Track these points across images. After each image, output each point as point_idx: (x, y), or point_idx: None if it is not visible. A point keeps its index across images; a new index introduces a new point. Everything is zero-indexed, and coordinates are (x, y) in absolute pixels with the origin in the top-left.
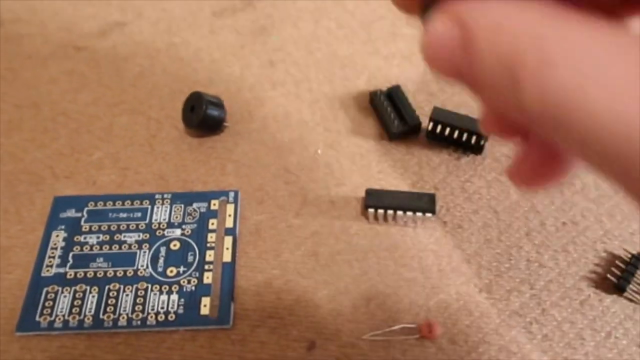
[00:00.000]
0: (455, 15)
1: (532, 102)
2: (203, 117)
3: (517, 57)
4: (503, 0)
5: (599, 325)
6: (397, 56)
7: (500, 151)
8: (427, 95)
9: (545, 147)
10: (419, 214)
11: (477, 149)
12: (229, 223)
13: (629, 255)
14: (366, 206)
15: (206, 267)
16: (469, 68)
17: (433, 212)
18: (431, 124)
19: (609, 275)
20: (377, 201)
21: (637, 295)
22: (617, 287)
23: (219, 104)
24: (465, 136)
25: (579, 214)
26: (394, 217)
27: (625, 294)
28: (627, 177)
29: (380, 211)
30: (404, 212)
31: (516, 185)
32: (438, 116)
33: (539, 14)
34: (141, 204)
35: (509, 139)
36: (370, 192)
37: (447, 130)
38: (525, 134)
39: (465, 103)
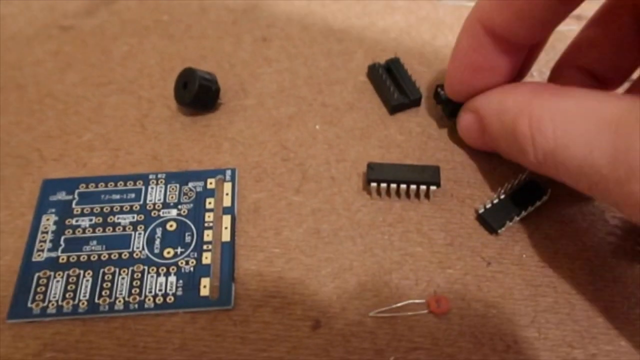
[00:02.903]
0: (471, 107)
1: (535, 158)
2: (196, 93)
3: (515, 127)
4: (501, 87)
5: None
6: (395, 29)
7: None
8: (426, 67)
9: None
10: (423, 187)
11: None
12: (227, 202)
13: None
14: (368, 180)
15: (204, 247)
16: (490, 140)
17: (438, 184)
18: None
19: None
20: (379, 175)
21: None
22: None
23: (212, 80)
24: None
25: None
26: (397, 191)
27: None
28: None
29: (383, 185)
30: (408, 185)
31: None
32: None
33: (529, 91)
34: (135, 184)
35: None
36: (372, 166)
37: None
38: None
39: None
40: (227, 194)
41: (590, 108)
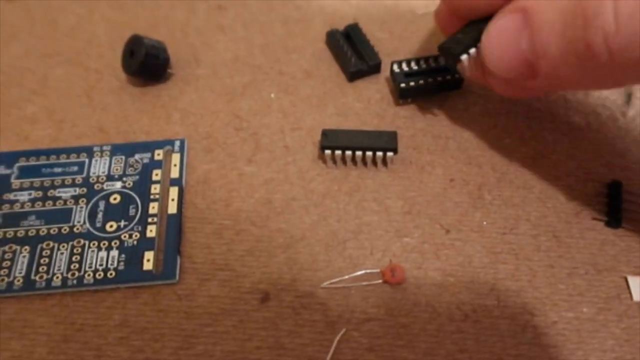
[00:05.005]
0: (517, 6)
1: (618, 22)
2: (143, 61)
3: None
4: None
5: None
6: None
7: (470, 89)
8: (388, 33)
9: None
10: (379, 153)
11: (453, 87)
12: (175, 173)
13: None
14: (322, 148)
15: (149, 220)
16: (533, 41)
17: (395, 150)
18: (402, 84)
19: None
20: (333, 142)
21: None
22: (611, 223)
23: (160, 48)
24: (440, 79)
25: (547, 147)
26: (353, 158)
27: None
28: None
29: (338, 152)
30: (364, 152)
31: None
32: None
33: None
34: (78, 157)
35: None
36: (326, 133)
37: (421, 82)
38: None
39: (426, 41)
40: (175, 165)
41: None
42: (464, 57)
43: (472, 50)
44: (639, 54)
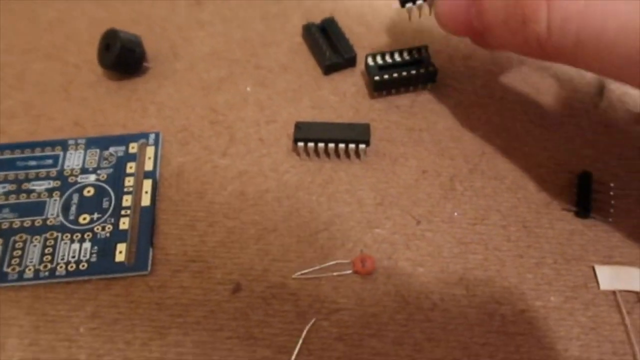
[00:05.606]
0: None
1: (547, 26)
2: (119, 54)
3: None
4: None
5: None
6: None
7: (444, 82)
8: (365, 27)
9: None
10: (352, 145)
11: (428, 80)
12: (149, 166)
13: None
14: (295, 140)
15: (123, 212)
16: (480, 17)
17: (367, 143)
18: (376, 77)
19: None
20: (307, 134)
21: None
22: (580, 213)
23: (136, 42)
24: (414, 72)
25: (519, 138)
26: (326, 150)
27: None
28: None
29: (311, 145)
30: (336, 144)
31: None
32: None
33: None
34: (53, 150)
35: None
36: (299, 126)
37: (395, 75)
38: None
39: (403, 36)
40: (149, 158)
41: None
42: (408, 5)
43: (419, 2)
44: (568, 57)
